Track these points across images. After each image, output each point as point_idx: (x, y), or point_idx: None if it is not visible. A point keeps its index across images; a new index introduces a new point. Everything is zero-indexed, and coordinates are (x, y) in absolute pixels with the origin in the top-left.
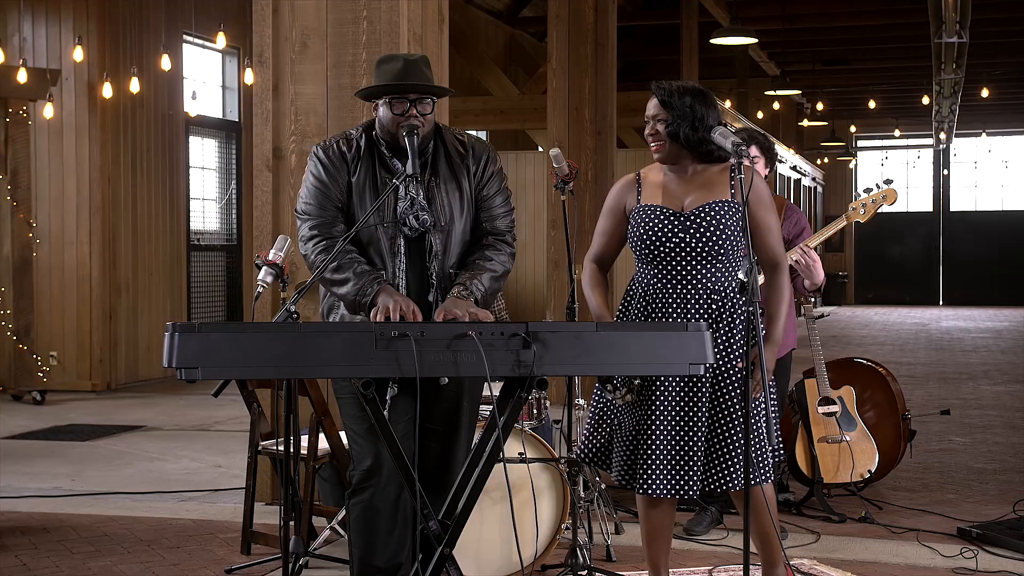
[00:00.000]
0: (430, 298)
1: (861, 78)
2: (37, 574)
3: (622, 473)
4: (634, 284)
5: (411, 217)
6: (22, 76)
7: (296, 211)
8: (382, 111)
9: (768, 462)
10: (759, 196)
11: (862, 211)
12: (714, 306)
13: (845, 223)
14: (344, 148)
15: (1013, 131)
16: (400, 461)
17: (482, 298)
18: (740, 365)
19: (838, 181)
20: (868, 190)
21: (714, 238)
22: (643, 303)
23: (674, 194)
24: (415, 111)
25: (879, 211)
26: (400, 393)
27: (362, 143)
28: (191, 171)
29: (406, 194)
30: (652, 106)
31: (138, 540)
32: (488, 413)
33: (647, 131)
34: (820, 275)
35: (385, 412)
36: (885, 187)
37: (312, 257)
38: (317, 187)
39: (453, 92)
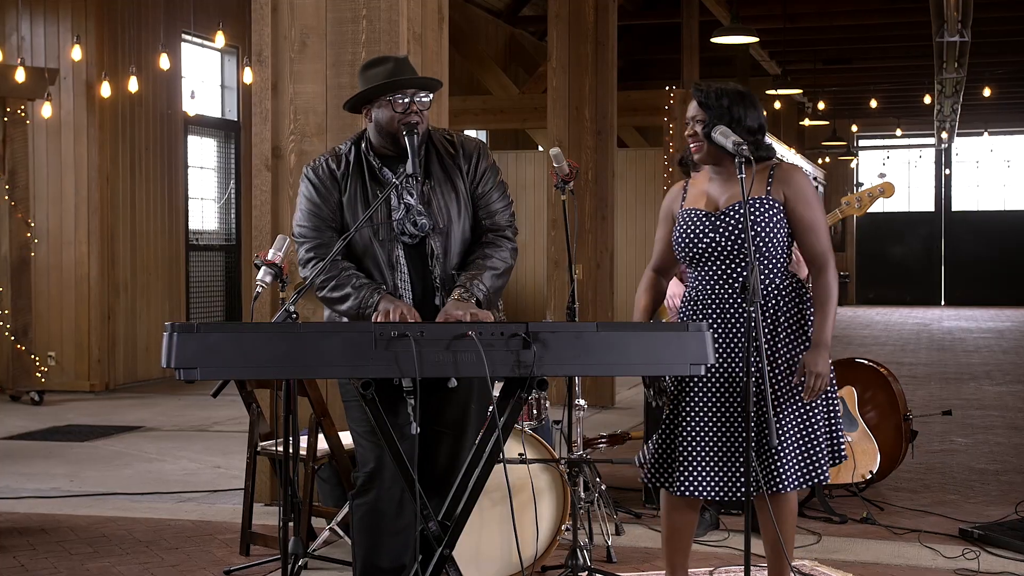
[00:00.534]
0: (436, 302)
1: (862, 77)
2: (35, 575)
3: (653, 471)
4: (687, 288)
5: (408, 223)
6: (20, 75)
7: (293, 235)
8: (379, 113)
9: (812, 468)
10: (797, 193)
11: (857, 205)
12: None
13: (840, 216)
14: (333, 166)
15: (1015, 130)
16: (400, 462)
17: (484, 298)
18: (784, 365)
19: (840, 181)
20: (859, 184)
21: (742, 235)
22: (690, 306)
23: (714, 196)
24: (415, 107)
25: (879, 207)
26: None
27: (351, 158)
28: (190, 170)
29: (399, 203)
30: (691, 107)
31: (136, 541)
32: (488, 414)
33: (687, 132)
34: (804, 271)
35: (413, 428)
36: (881, 181)
37: (313, 278)
38: (311, 209)
39: (440, 83)
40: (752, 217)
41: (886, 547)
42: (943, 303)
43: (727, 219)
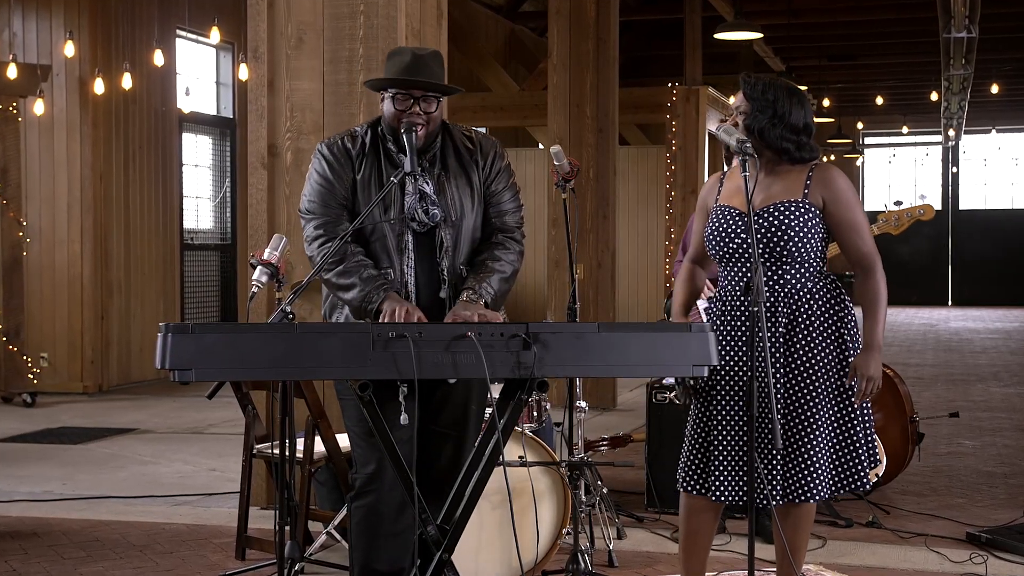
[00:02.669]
0: (442, 295)
1: (868, 74)
2: None
3: (685, 475)
4: (718, 286)
5: (419, 211)
6: (12, 72)
7: (300, 210)
8: (385, 106)
9: (852, 473)
10: (837, 195)
11: (894, 222)
12: (785, 309)
13: (876, 233)
14: (349, 145)
15: (1023, 128)
16: (398, 465)
17: (492, 301)
18: (815, 371)
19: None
20: (899, 203)
21: (775, 239)
22: (719, 306)
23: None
24: (418, 108)
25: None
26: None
27: (367, 140)
28: (184, 169)
29: (414, 189)
30: (737, 97)
31: (131, 545)
32: (488, 415)
33: (729, 122)
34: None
35: (403, 419)
36: (922, 202)
37: (318, 258)
38: (322, 185)
39: (461, 90)
40: (787, 220)
41: (892, 551)
42: (950, 303)
43: (761, 220)
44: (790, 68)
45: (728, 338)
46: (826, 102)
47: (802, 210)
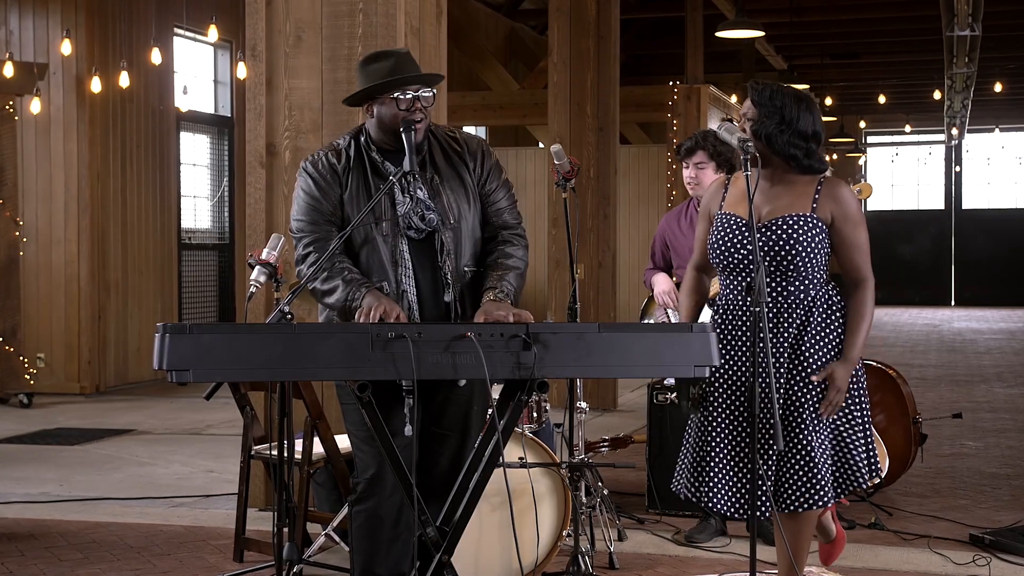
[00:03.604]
0: (446, 298)
1: (870, 72)
2: None
3: (689, 483)
4: (720, 294)
5: (415, 218)
6: (8, 70)
7: (290, 230)
8: (382, 110)
9: (849, 477)
10: (845, 212)
11: None
12: (792, 320)
13: None
14: (334, 160)
15: None
16: (397, 467)
17: (514, 299)
18: (813, 382)
19: (847, 178)
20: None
21: (783, 252)
22: (720, 315)
23: (757, 204)
24: (419, 104)
25: (887, 205)
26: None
27: (351, 153)
28: (182, 168)
29: (405, 195)
30: (745, 104)
31: (128, 547)
32: (488, 416)
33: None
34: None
35: (407, 431)
36: (860, 183)
37: (308, 272)
38: (309, 203)
39: (443, 77)
40: (795, 235)
41: (895, 553)
42: (953, 303)
43: (768, 233)
44: (792, 67)
45: (730, 346)
46: (828, 101)
47: (810, 224)
